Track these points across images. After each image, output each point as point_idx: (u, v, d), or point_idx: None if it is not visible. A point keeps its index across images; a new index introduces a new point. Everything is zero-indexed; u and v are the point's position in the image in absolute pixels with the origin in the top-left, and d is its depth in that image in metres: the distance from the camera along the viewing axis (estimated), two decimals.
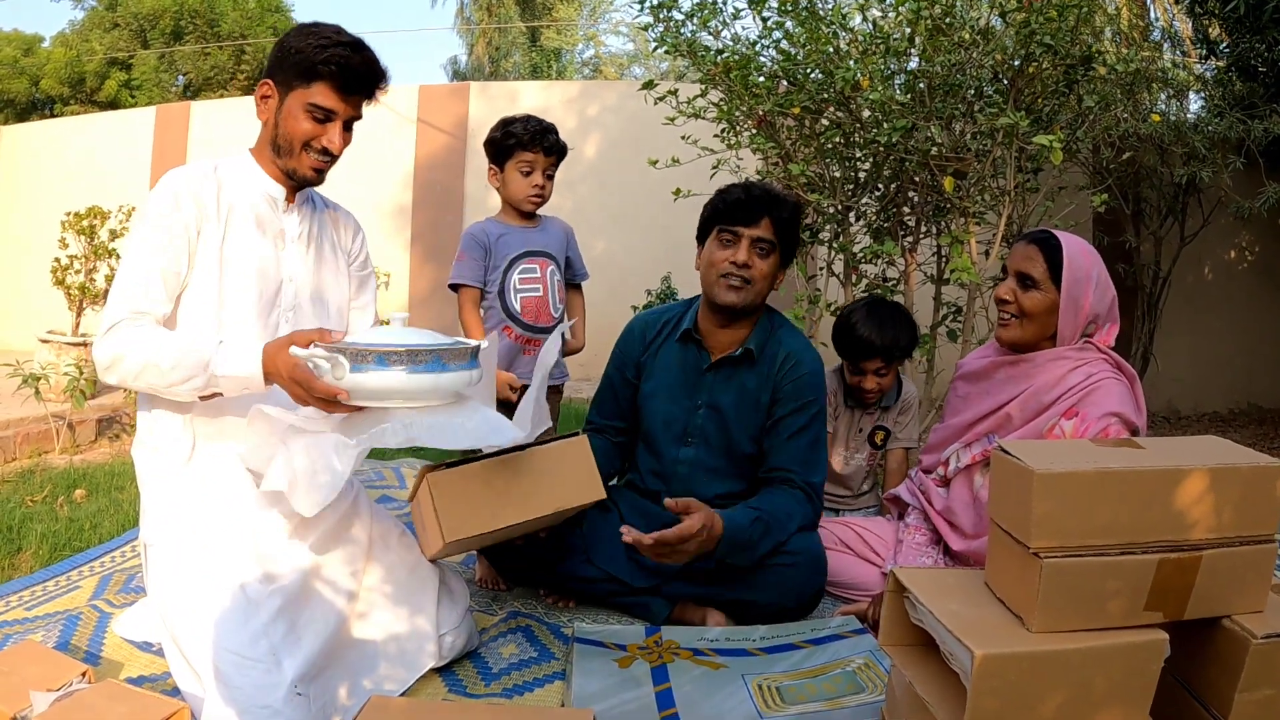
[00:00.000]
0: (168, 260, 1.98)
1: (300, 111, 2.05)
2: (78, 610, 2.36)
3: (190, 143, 9.25)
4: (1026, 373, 2.33)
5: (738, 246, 2.45)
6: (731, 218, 2.46)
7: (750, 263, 2.43)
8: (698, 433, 2.56)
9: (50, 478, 4.13)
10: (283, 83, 2.06)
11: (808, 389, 2.50)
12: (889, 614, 1.68)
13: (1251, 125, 5.48)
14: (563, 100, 8.83)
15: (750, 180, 2.54)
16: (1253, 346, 7.13)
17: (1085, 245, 2.30)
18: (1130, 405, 2.18)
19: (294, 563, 1.98)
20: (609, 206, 8.53)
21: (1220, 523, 1.49)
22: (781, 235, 2.47)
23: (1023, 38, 3.62)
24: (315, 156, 2.09)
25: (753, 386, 2.52)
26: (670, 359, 2.61)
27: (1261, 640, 1.49)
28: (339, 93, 2.05)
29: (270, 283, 2.12)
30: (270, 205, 2.15)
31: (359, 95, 2.10)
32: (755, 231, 2.44)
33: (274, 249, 2.14)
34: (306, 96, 2.04)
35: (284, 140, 2.08)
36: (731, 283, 2.45)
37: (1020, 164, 3.77)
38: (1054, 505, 1.43)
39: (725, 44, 4.18)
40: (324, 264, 2.26)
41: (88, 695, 1.71)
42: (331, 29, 2.07)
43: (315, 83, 2.03)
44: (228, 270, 2.05)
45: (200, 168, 2.09)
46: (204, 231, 2.03)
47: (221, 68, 14.08)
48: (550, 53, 21.20)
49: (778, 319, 2.63)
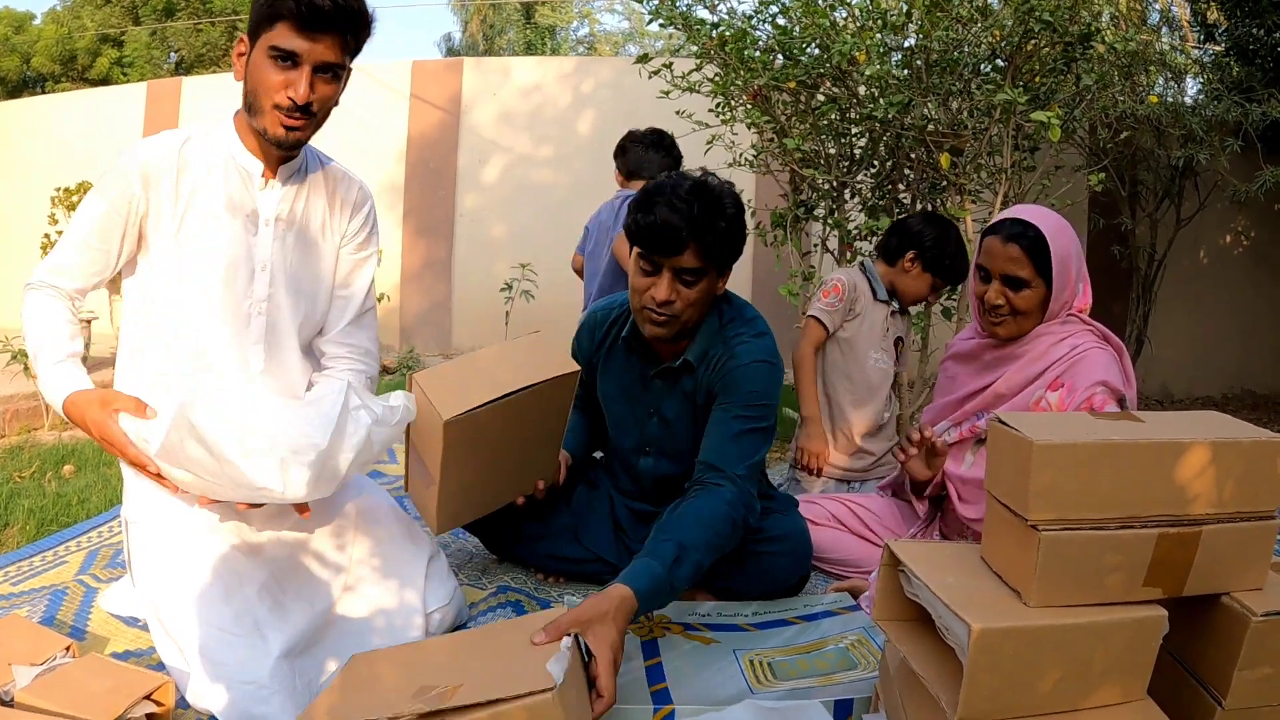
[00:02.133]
0: (98, 237, 1.93)
1: (264, 59, 1.85)
2: (63, 585, 2.34)
3: (181, 119, 9.17)
4: (1013, 352, 2.31)
5: (658, 280, 2.10)
6: (650, 246, 2.08)
7: (673, 297, 2.11)
8: (653, 443, 2.42)
9: (39, 454, 4.10)
10: (252, 33, 1.87)
11: (744, 379, 2.20)
12: (883, 588, 1.66)
13: (1249, 109, 5.45)
14: (558, 76, 8.78)
15: (679, 184, 2.09)
16: (1247, 331, 7.12)
17: (1058, 221, 2.25)
18: (1116, 374, 2.16)
19: (280, 536, 1.96)
20: (603, 183, 8.41)
21: (1221, 498, 1.46)
22: (713, 256, 2.11)
23: (1021, 14, 3.58)
24: (284, 114, 1.87)
25: (691, 390, 2.31)
26: (618, 363, 2.42)
27: (1261, 618, 1.46)
28: (302, 31, 1.82)
29: (240, 271, 1.98)
30: (244, 181, 1.99)
31: (329, 34, 1.84)
32: (678, 262, 2.08)
33: (244, 233, 1.98)
34: (268, 39, 1.83)
35: (251, 94, 1.89)
36: (654, 318, 2.14)
37: (1017, 142, 3.74)
38: (1053, 477, 1.41)
39: (721, 17, 4.14)
40: (308, 248, 2.09)
41: (72, 670, 1.69)
42: None
43: (277, 23, 1.82)
44: (186, 259, 1.95)
45: (168, 141, 1.95)
46: (158, 213, 1.93)
47: (214, 44, 14.03)
48: (545, 30, 21.11)
49: (729, 313, 2.30)
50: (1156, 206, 6.28)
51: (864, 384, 3.17)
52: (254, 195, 2.00)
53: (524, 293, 7.06)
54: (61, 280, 1.96)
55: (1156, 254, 6.34)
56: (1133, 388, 2.21)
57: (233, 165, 1.98)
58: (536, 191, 8.56)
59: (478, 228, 8.69)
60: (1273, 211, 6.72)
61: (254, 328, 2.02)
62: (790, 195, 4.32)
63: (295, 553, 1.97)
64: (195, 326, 1.96)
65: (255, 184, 2.00)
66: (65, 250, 1.95)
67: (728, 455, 2.13)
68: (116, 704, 1.58)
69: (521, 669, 1.46)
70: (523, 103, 8.72)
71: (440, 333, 8.75)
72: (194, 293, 1.95)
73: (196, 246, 1.94)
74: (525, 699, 1.37)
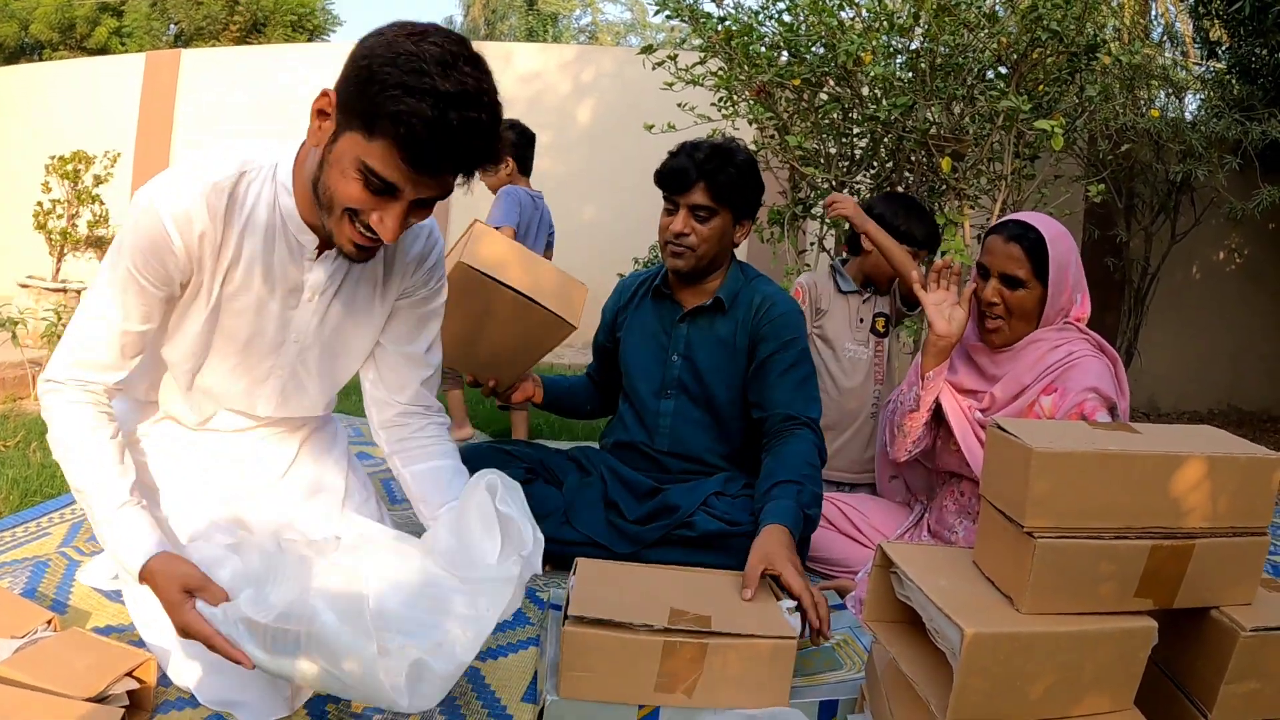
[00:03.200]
0: (139, 318, 1.65)
1: (350, 167, 1.45)
2: (46, 557, 2.32)
3: (179, 90, 9.12)
4: (1008, 357, 2.31)
5: (676, 215, 2.44)
6: (666, 185, 2.45)
7: (688, 230, 2.42)
8: (675, 384, 2.56)
9: (24, 423, 4.07)
10: (344, 111, 1.45)
11: (787, 327, 2.46)
12: (874, 589, 1.66)
13: (1249, 127, 5.47)
14: (559, 64, 8.76)
15: (698, 141, 2.48)
16: (1237, 348, 7.16)
17: (1059, 228, 2.28)
18: (1109, 382, 2.16)
19: (262, 515, 1.93)
20: (601, 172, 8.48)
21: (1215, 512, 1.47)
22: (723, 196, 2.41)
23: (1029, 22, 3.59)
24: (361, 231, 1.52)
25: (726, 334, 2.50)
26: (646, 314, 2.64)
27: (1250, 633, 1.47)
28: (407, 165, 1.42)
29: (268, 342, 1.78)
30: (292, 254, 1.69)
31: (441, 174, 1.48)
32: (690, 199, 2.41)
33: (281, 306, 1.74)
34: (363, 151, 1.43)
35: (325, 192, 1.51)
36: (674, 250, 2.45)
37: (1018, 149, 3.75)
38: (1051, 485, 1.41)
39: (727, 11, 4.14)
40: (352, 315, 1.83)
41: (52, 644, 1.66)
42: (436, 56, 1.38)
43: (377, 138, 1.40)
44: (218, 329, 1.73)
45: (209, 194, 1.59)
46: (196, 282, 1.67)
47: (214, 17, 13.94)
48: (547, 17, 21.09)
49: (750, 271, 2.60)
50: (1152, 220, 6.31)
51: (841, 377, 3.17)
52: (301, 269, 1.71)
53: None
54: (95, 375, 1.67)
55: (1150, 267, 6.36)
56: (1126, 398, 2.21)
57: (283, 235, 1.67)
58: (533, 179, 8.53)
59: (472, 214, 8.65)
60: (1267, 230, 6.75)
61: (270, 386, 1.87)
62: (789, 193, 4.32)
63: (281, 532, 1.94)
64: (205, 377, 1.82)
65: (307, 254, 1.70)
66: (95, 339, 1.65)
67: (796, 402, 2.38)
68: (98, 680, 1.55)
69: (759, 614, 1.77)
70: (523, 89, 8.70)
71: None
72: (213, 356, 1.79)
73: (227, 311, 1.72)
74: (772, 640, 1.68)
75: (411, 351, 1.93)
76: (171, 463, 1.89)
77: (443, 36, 1.43)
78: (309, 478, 2.05)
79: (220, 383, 1.83)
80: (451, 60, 1.39)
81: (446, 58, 1.39)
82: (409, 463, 1.94)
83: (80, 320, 1.66)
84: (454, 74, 1.39)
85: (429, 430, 1.96)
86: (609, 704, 1.68)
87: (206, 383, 1.82)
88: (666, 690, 1.68)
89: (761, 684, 1.69)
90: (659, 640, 1.65)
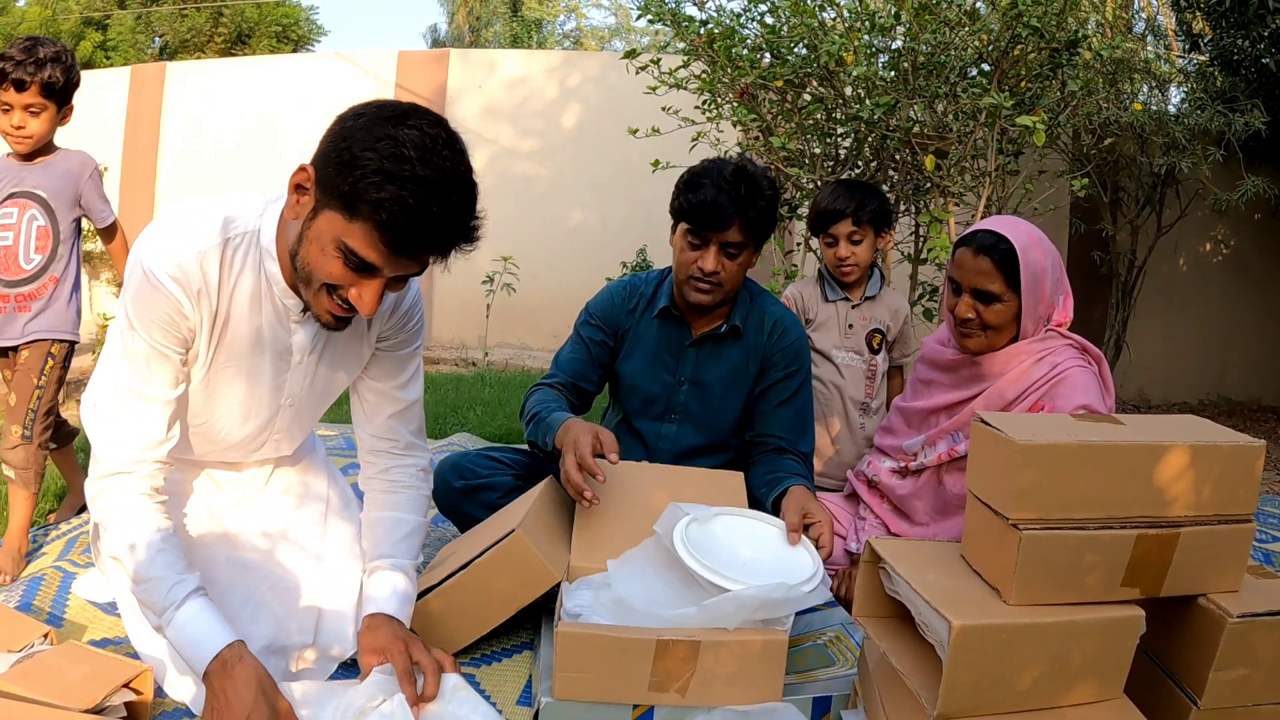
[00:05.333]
0: (169, 385, 1.65)
1: (330, 245, 1.47)
2: (41, 572, 2.32)
3: (165, 103, 9.10)
4: (990, 369, 2.29)
5: (706, 252, 2.30)
6: (700, 222, 2.28)
7: (719, 268, 2.30)
8: (680, 409, 2.50)
9: None
10: (323, 189, 1.47)
11: (795, 356, 2.45)
12: (863, 585, 1.67)
13: (1232, 119, 5.49)
14: (544, 69, 8.76)
15: (723, 167, 2.31)
16: (1224, 339, 7.18)
17: (1034, 234, 2.22)
18: (1097, 393, 2.14)
19: (258, 523, 1.95)
20: (587, 177, 8.49)
21: (1199, 500, 1.48)
22: (754, 232, 2.32)
23: (1009, 20, 3.60)
24: (339, 303, 1.55)
25: (738, 359, 2.45)
26: (649, 334, 2.51)
27: (1237, 620, 1.48)
28: (387, 248, 1.45)
29: (264, 408, 1.81)
30: (279, 318, 1.71)
31: (419, 256, 1.51)
32: (724, 237, 2.28)
33: (272, 369, 1.76)
34: (343, 231, 1.45)
35: (303, 266, 1.53)
36: (700, 288, 2.34)
37: (1002, 146, 3.76)
38: (1035, 477, 1.42)
39: (710, 14, 4.15)
40: (337, 369, 1.85)
41: (49, 657, 1.67)
42: (416, 141, 1.41)
43: (358, 220, 1.43)
44: (206, 393, 1.74)
45: (200, 255, 1.59)
46: (193, 349, 1.67)
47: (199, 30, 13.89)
48: (531, 23, 21.10)
49: (754, 287, 2.54)
50: (1138, 213, 6.32)
51: (832, 383, 3.17)
52: (288, 330, 1.73)
53: (505, 285, 7.04)
54: (155, 453, 1.67)
55: (1136, 260, 6.38)
56: (1111, 395, 2.21)
57: (269, 298, 1.68)
58: (519, 184, 8.54)
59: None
60: (1252, 221, 6.77)
61: (265, 450, 1.94)
62: None
63: (275, 542, 1.95)
64: (197, 444, 1.86)
65: (292, 316, 1.71)
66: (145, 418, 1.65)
67: (792, 434, 2.43)
68: (95, 692, 1.56)
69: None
70: (508, 95, 8.70)
71: None
72: (207, 426, 1.81)
73: (222, 380, 1.74)
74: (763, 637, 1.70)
75: (381, 388, 1.93)
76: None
77: (421, 119, 1.45)
78: (295, 485, 2.06)
79: (213, 450, 1.88)
80: (431, 144, 1.42)
81: (426, 142, 1.42)
82: (368, 508, 1.98)
83: (119, 408, 1.65)
84: (433, 159, 1.42)
85: (393, 474, 1.97)
86: (603, 704, 1.69)
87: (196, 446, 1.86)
88: (660, 689, 1.69)
89: (754, 681, 1.70)
90: (652, 639, 1.66)
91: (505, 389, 5.77)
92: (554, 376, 2.45)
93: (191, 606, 1.60)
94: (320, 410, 1.97)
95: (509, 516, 2.03)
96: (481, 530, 2.15)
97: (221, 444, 1.87)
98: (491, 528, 2.06)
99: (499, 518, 2.11)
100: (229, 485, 1.97)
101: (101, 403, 1.69)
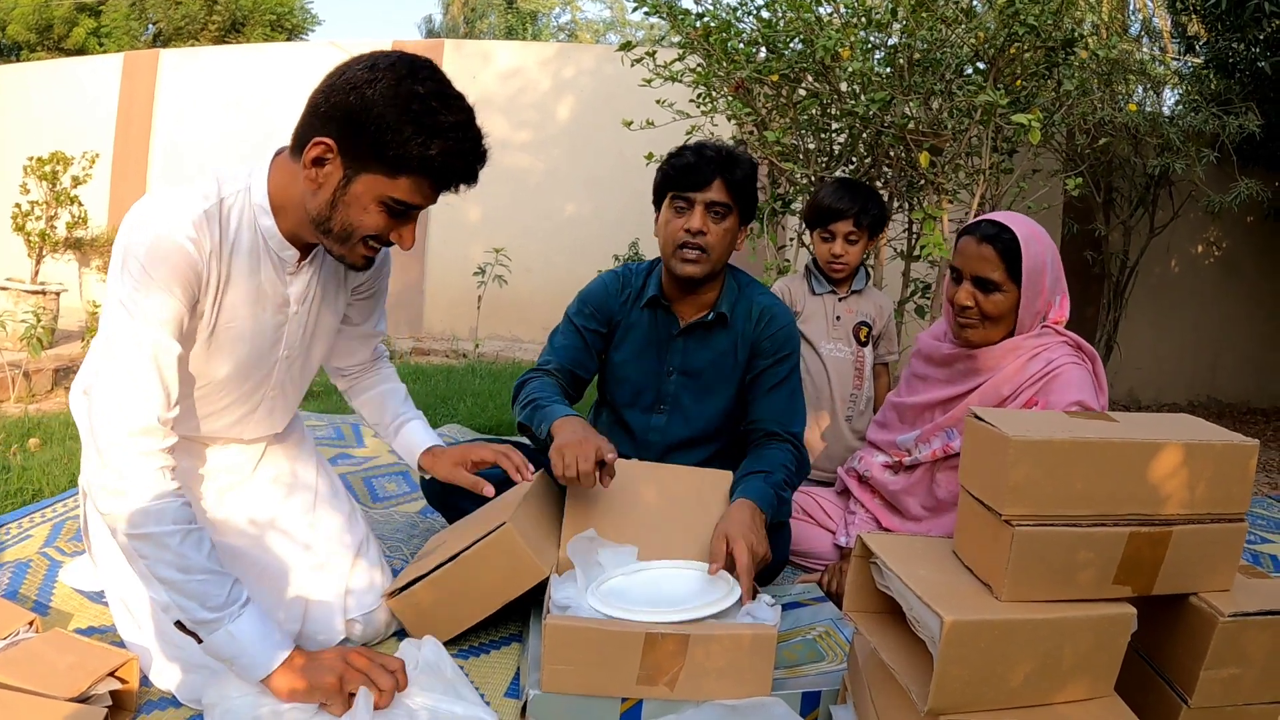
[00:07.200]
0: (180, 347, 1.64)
1: (373, 204, 1.62)
2: (27, 559, 2.31)
3: (158, 90, 9.07)
4: (984, 365, 2.28)
5: (691, 213, 2.33)
6: (683, 183, 2.33)
7: (705, 229, 2.31)
8: (669, 400, 2.49)
9: (4, 426, 4.04)
10: (354, 158, 1.59)
11: (785, 342, 2.44)
12: (854, 580, 1.67)
13: (1226, 121, 5.50)
14: (538, 61, 8.75)
15: (702, 141, 2.40)
16: (1216, 340, 7.21)
17: (1035, 229, 2.23)
18: (1091, 391, 2.14)
19: (247, 512, 1.94)
20: (580, 169, 8.49)
21: (1192, 499, 1.48)
22: (737, 195, 2.34)
23: (1006, 18, 3.60)
24: (374, 246, 1.70)
25: (726, 347, 2.44)
26: (638, 326, 2.51)
27: (1228, 619, 1.49)
28: (434, 190, 1.65)
29: (264, 362, 1.85)
30: (276, 270, 1.78)
31: (459, 189, 1.70)
32: (708, 195, 2.31)
33: (272, 321, 1.82)
34: (388, 189, 1.60)
35: (340, 227, 1.64)
36: (687, 255, 2.33)
37: (996, 144, 3.76)
38: (1028, 473, 1.42)
39: (705, 8, 4.14)
40: (324, 317, 1.95)
41: (34, 645, 1.66)
42: (433, 92, 1.58)
43: (403, 175, 1.59)
44: (208, 350, 1.76)
45: (201, 216, 1.63)
46: (200, 306, 1.70)
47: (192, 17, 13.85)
48: (526, 15, 21.07)
49: (743, 277, 2.53)
50: (1131, 214, 6.34)
51: (820, 375, 3.18)
52: (285, 282, 1.80)
53: (497, 277, 7.03)
54: (172, 413, 1.64)
55: (1129, 261, 6.39)
56: (1105, 393, 2.21)
57: (267, 253, 1.75)
58: (513, 177, 8.52)
59: (452, 211, 8.63)
60: (1245, 223, 6.80)
61: (259, 414, 1.95)
62: (768, 188, 4.33)
63: (263, 530, 1.94)
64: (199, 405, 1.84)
65: (287, 268, 1.79)
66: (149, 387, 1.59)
67: (783, 417, 2.41)
68: (80, 680, 1.55)
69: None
70: (502, 87, 8.69)
71: (412, 316, 8.70)
72: (207, 388, 1.82)
73: (226, 338, 1.76)
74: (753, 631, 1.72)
75: (359, 331, 2.16)
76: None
77: (420, 69, 1.60)
78: (283, 474, 2.05)
79: (213, 411, 1.87)
80: (445, 91, 1.60)
81: (441, 90, 1.59)
82: (358, 394, 2.25)
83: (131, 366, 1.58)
84: (452, 104, 1.60)
85: (371, 369, 2.26)
86: (592, 697, 1.68)
87: (197, 407, 1.84)
88: (649, 683, 1.68)
89: (743, 675, 1.70)
90: (640, 633, 1.66)
91: (496, 381, 5.76)
92: (549, 363, 2.44)
93: (254, 608, 1.61)
94: (306, 375, 2.03)
95: (499, 510, 2.03)
96: (471, 522, 2.14)
97: (219, 405, 1.86)
98: (481, 520, 2.06)
99: (488, 510, 2.11)
100: (219, 471, 1.95)
101: (105, 371, 1.60)
